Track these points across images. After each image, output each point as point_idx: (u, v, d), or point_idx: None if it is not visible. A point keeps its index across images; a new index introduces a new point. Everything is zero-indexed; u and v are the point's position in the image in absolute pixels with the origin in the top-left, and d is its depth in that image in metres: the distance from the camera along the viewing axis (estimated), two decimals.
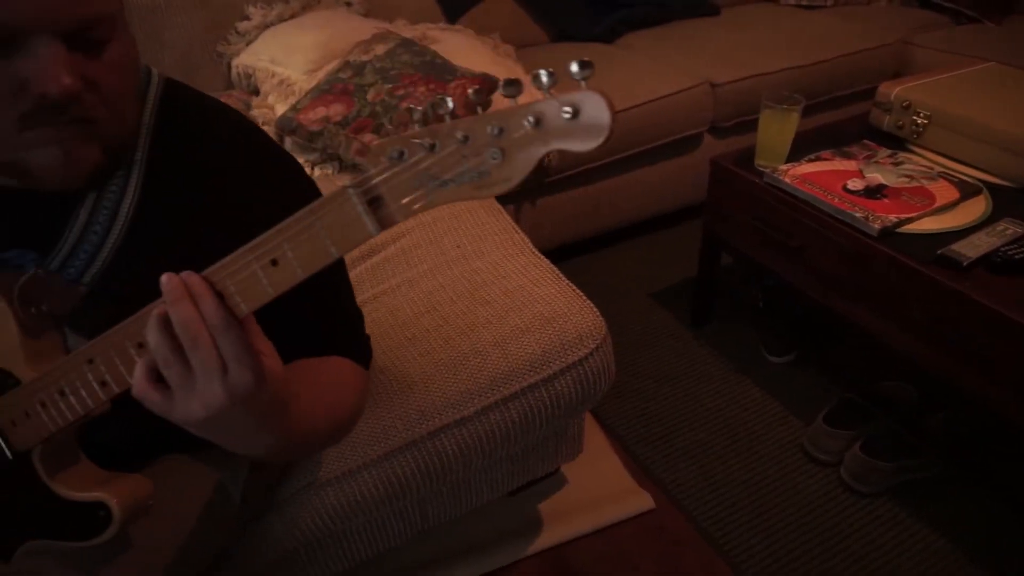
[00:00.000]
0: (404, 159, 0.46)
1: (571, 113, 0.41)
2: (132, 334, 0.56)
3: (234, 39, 1.91)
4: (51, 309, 0.66)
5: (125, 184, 0.68)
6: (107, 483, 0.67)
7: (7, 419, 0.64)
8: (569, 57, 1.44)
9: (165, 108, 0.72)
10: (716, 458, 1.50)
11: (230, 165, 0.73)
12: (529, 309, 1.09)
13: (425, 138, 0.45)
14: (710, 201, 1.67)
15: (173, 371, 0.52)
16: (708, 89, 2.04)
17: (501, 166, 0.44)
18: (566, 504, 1.40)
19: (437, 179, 0.45)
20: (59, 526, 0.67)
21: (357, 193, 0.47)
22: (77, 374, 0.59)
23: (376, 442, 0.98)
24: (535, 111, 0.42)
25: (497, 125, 0.43)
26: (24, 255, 0.68)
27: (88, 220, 0.67)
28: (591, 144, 0.42)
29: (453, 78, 1.58)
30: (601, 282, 2.03)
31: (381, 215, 0.48)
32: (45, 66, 0.55)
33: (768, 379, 1.68)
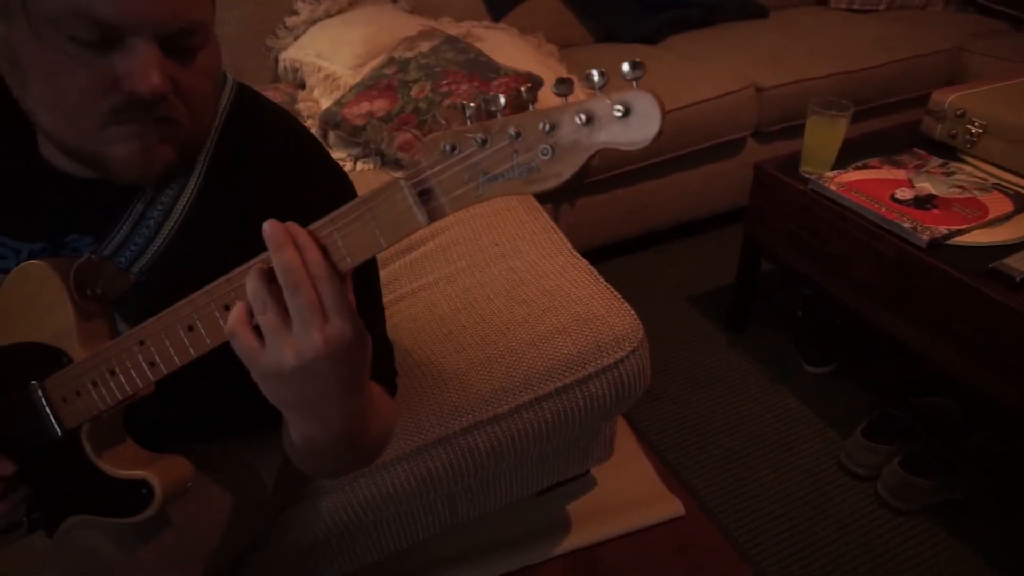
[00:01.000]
0: (456, 153, 0.46)
1: (622, 112, 0.42)
2: (182, 317, 0.57)
3: (282, 33, 1.94)
4: (104, 293, 0.68)
5: (184, 183, 0.70)
6: (150, 463, 0.69)
7: (59, 397, 0.66)
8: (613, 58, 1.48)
9: (233, 113, 0.74)
10: (749, 467, 1.48)
11: (283, 170, 0.74)
12: (566, 309, 1.09)
13: (477, 133, 0.46)
14: (752, 206, 1.65)
15: (268, 317, 0.51)
16: (753, 93, 2.01)
17: (551, 162, 0.45)
18: (595, 506, 1.40)
19: (487, 173, 0.46)
20: (103, 502, 0.70)
21: (409, 185, 0.48)
22: (128, 354, 0.61)
23: (409, 436, 0.99)
24: (587, 109, 0.43)
25: (549, 122, 0.44)
26: (82, 239, 0.70)
27: (143, 213, 0.69)
28: (640, 143, 0.43)
29: (496, 76, 1.58)
30: (638, 285, 2.01)
31: (431, 207, 0.49)
32: (140, 65, 0.56)
33: (805, 389, 1.65)
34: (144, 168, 0.63)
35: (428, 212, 0.49)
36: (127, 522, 0.69)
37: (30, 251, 0.70)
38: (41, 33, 0.56)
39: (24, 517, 0.73)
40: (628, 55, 2.29)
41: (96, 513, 0.70)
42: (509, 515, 1.33)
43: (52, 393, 0.67)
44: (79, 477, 0.69)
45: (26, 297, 0.68)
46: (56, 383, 0.66)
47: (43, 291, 0.66)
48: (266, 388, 0.55)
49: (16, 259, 0.70)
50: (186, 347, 0.58)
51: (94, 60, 0.57)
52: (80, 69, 0.57)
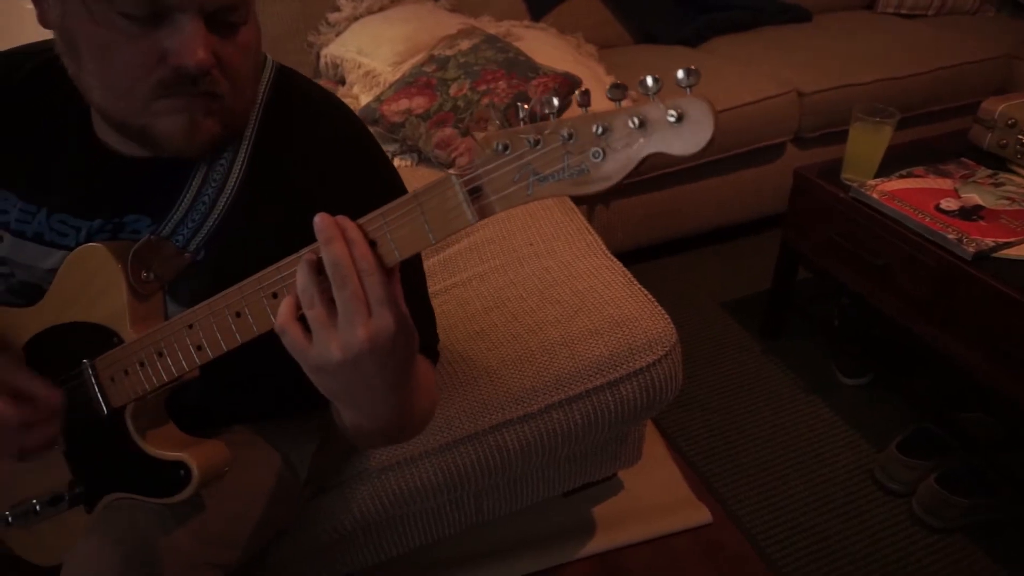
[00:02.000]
0: (508, 152, 0.47)
1: (676, 117, 0.43)
2: (231, 304, 0.59)
3: (324, 29, 1.97)
4: (159, 275, 0.70)
5: (233, 159, 0.72)
6: (189, 445, 0.71)
7: (107, 376, 0.68)
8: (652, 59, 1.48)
9: (276, 91, 0.75)
10: (779, 477, 1.46)
11: (333, 153, 0.76)
12: (599, 311, 1.09)
13: (530, 134, 0.46)
14: (790, 213, 1.62)
15: (317, 311, 0.52)
16: (795, 98, 1.98)
17: (602, 164, 0.45)
18: (621, 510, 1.39)
19: (538, 174, 0.47)
20: (142, 481, 0.72)
21: (460, 181, 0.49)
22: (176, 337, 0.62)
23: (439, 431, 1.00)
24: (641, 113, 0.43)
25: (602, 125, 0.44)
26: (140, 220, 0.73)
27: (199, 190, 0.71)
28: (692, 149, 0.43)
29: (535, 76, 1.58)
30: (670, 288, 2.00)
31: (480, 205, 0.49)
32: (186, 40, 0.59)
33: (839, 401, 1.62)
34: (189, 140, 0.65)
35: (478, 210, 0.50)
36: (164, 502, 0.71)
37: (89, 229, 0.73)
38: (93, 10, 0.58)
39: (66, 492, 0.76)
40: (668, 57, 2.29)
41: (135, 492, 0.72)
42: (535, 515, 1.33)
43: (101, 372, 0.69)
44: (121, 455, 0.71)
45: (83, 278, 0.70)
46: (106, 362, 0.68)
47: (100, 273, 0.69)
48: (316, 380, 0.56)
49: (76, 237, 0.73)
50: (232, 333, 0.60)
51: (142, 35, 0.59)
52: (129, 44, 0.59)
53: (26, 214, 0.74)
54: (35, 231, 0.74)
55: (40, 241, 0.74)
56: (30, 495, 0.77)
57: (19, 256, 0.75)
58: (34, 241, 0.74)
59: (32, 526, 0.79)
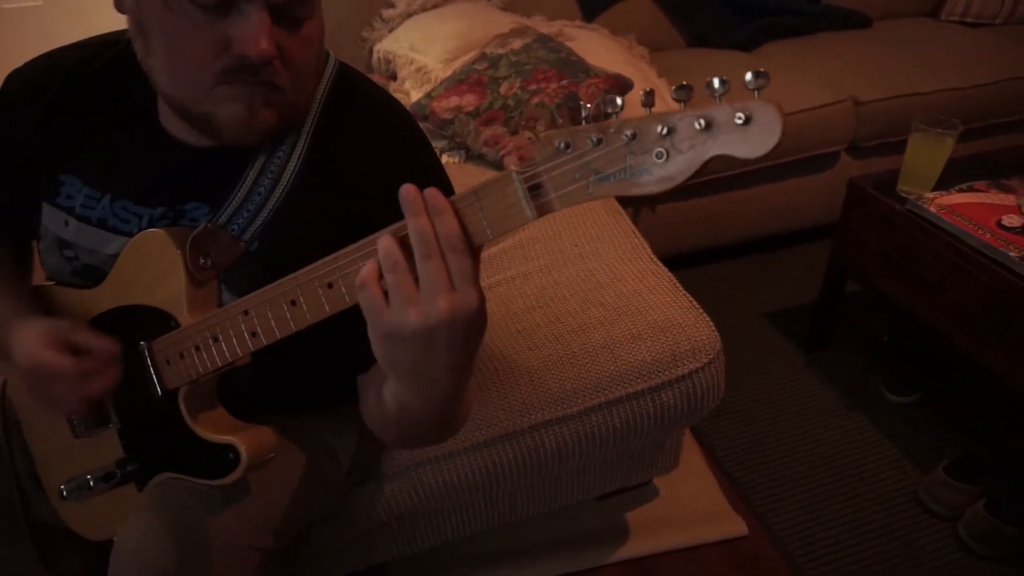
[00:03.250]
0: (570, 151, 0.47)
1: (743, 120, 0.42)
2: (286, 292, 0.60)
3: (378, 25, 1.99)
4: (215, 262, 0.71)
5: (291, 151, 0.73)
6: (239, 430, 0.73)
7: (163, 358, 0.71)
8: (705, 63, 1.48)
9: (337, 87, 0.77)
10: (819, 493, 1.42)
11: (389, 152, 0.76)
12: (643, 316, 1.08)
13: (592, 133, 0.46)
14: (842, 224, 1.59)
15: (398, 276, 0.51)
16: (851, 106, 1.93)
17: (665, 165, 0.45)
18: (655, 517, 1.38)
19: (599, 173, 0.46)
20: (192, 462, 0.74)
21: (520, 178, 0.49)
22: (232, 323, 0.64)
23: (478, 428, 1.00)
24: (707, 115, 0.43)
25: (667, 125, 0.44)
26: (199, 208, 0.75)
27: (255, 180, 0.72)
28: (758, 152, 0.42)
29: (586, 77, 1.57)
30: (714, 296, 1.96)
31: (540, 202, 0.49)
32: (251, 30, 0.61)
33: (885, 418, 1.58)
34: (247, 128, 0.67)
35: (537, 207, 0.49)
36: (212, 484, 0.73)
37: (150, 216, 0.75)
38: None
39: (118, 469, 0.78)
40: (720, 61, 2.26)
41: (185, 472, 0.74)
42: (568, 517, 1.33)
43: (157, 354, 0.71)
44: (172, 436, 0.73)
45: (143, 263, 0.72)
46: (162, 345, 0.70)
47: (159, 258, 0.71)
48: (382, 349, 0.54)
49: (138, 224, 0.75)
50: (287, 321, 0.61)
51: (211, 24, 0.61)
52: (197, 32, 0.62)
53: (91, 200, 0.76)
54: (99, 216, 0.76)
55: (103, 227, 0.76)
56: (84, 471, 0.80)
57: (83, 241, 0.77)
58: (98, 227, 0.77)
59: (85, 500, 0.82)
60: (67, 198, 0.77)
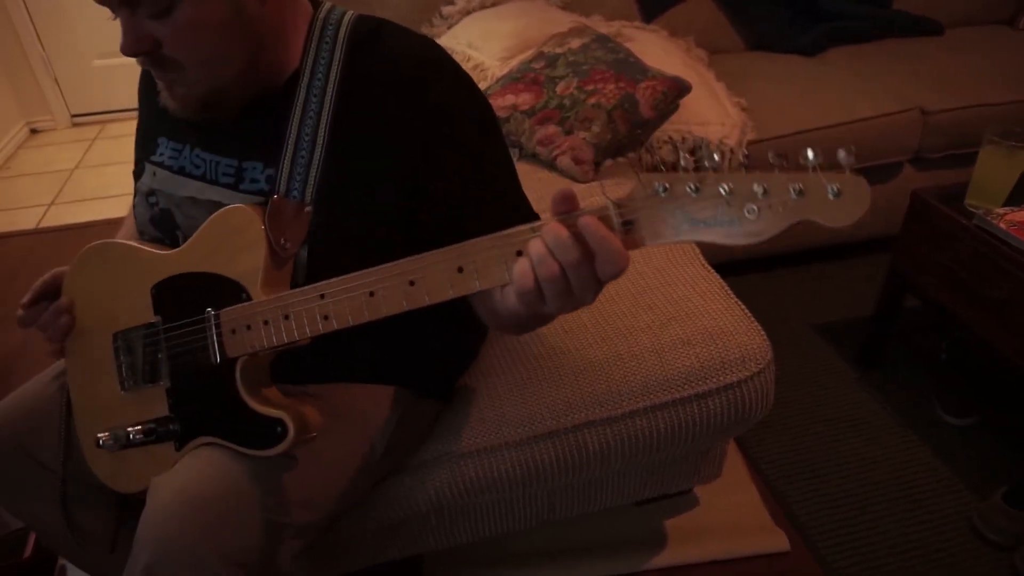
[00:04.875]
0: (667, 195, 0.51)
1: (836, 193, 0.46)
2: (367, 283, 0.63)
3: (437, 22, 2.01)
4: (293, 242, 0.75)
5: (320, 107, 0.77)
6: (287, 406, 0.75)
7: (229, 328, 0.74)
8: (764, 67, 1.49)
9: (361, 35, 0.81)
10: (866, 513, 1.38)
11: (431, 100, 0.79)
12: (692, 321, 1.06)
13: (692, 181, 0.50)
14: (903, 236, 1.54)
15: (553, 278, 0.57)
16: (918, 116, 1.87)
17: (754, 222, 0.49)
18: (695, 526, 1.36)
19: (691, 219, 0.51)
20: (237, 431, 0.76)
21: (617, 212, 0.54)
22: (305, 304, 0.67)
23: (521, 424, 1.00)
24: (804, 183, 0.47)
25: (764, 186, 0.48)
26: (256, 167, 0.80)
27: (298, 136, 0.77)
28: (842, 224, 0.47)
29: (644, 78, 1.56)
30: (765, 305, 1.93)
31: (631, 237, 0.54)
32: (122, 31, 0.70)
33: (940, 440, 1.52)
34: (182, 108, 0.76)
35: (628, 241, 0.54)
36: (257, 454, 0.75)
37: (216, 163, 0.82)
38: None
39: (159, 426, 0.81)
40: (780, 66, 2.21)
41: (228, 439, 0.77)
42: (606, 520, 1.32)
43: (224, 323, 0.74)
44: (221, 403, 0.76)
45: (225, 235, 0.76)
46: (230, 315, 0.73)
47: (243, 232, 0.74)
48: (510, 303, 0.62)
49: (206, 168, 0.83)
50: (362, 310, 0.64)
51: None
52: None
53: (176, 152, 0.86)
54: (180, 165, 0.86)
55: (183, 173, 0.85)
56: (125, 423, 0.82)
57: (165, 186, 0.86)
58: (179, 174, 0.85)
59: (118, 452, 0.84)
60: (159, 154, 0.88)
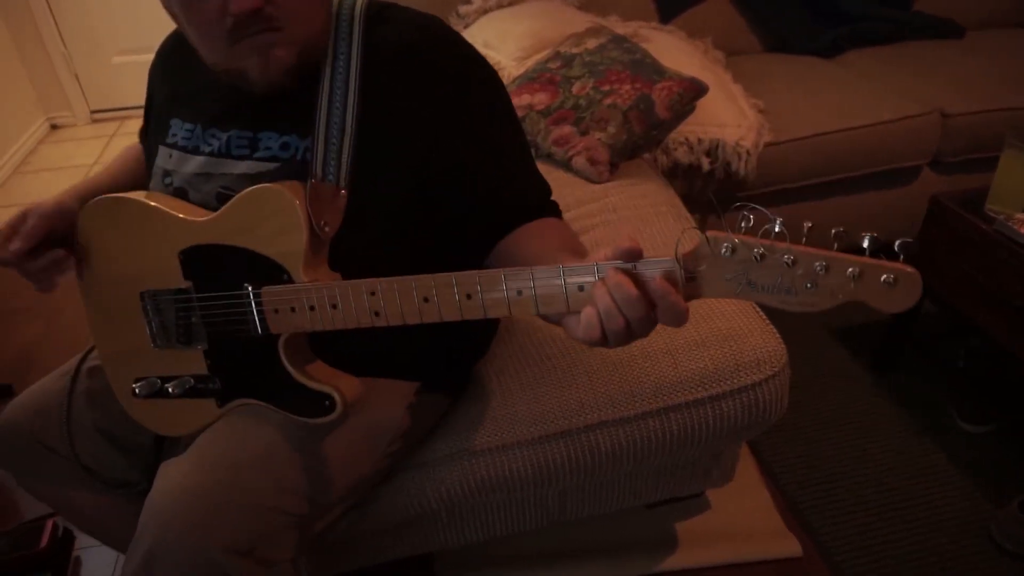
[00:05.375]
0: (733, 257, 0.55)
1: (891, 282, 0.50)
2: (422, 286, 0.66)
3: (454, 21, 2.01)
4: (331, 226, 0.76)
5: (345, 85, 0.79)
6: (334, 378, 0.79)
7: (271, 307, 0.75)
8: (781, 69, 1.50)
9: (373, 15, 0.82)
10: (880, 519, 1.37)
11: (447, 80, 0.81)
12: (707, 323, 1.06)
13: (758, 248, 0.54)
14: (921, 241, 1.52)
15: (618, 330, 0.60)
16: (937, 119, 1.85)
17: (811, 294, 0.53)
18: (706, 530, 1.35)
19: (751, 282, 0.54)
20: (284, 398, 0.80)
21: (682, 269, 0.57)
22: (356, 297, 0.69)
23: (533, 423, 1.00)
24: (863, 268, 0.51)
25: (825, 264, 0.52)
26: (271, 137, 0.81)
27: (327, 123, 0.79)
28: (894, 310, 0.51)
29: (660, 79, 1.55)
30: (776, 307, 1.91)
31: (689, 290, 0.57)
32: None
33: (956, 447, 1.51)
34: (267, 74, 0.76)
35: (686, 293, 0.57)
36: (304, 421, 0.79)
37: (228, 137, 0.83)
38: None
39: (197, 382, 0.84)
40: (800, 67, 2.19)
41: (275, 404, 0.80)
42: (616, 522, 1.32)
43: (265, 301, 0.75)
44: (266, 371, 0.78)
45: (261, 213, 0.76)
46: (272, 294, 0.75)
47: (284, 214, 0.75)
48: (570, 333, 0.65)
49: (218, 145, 0.84)
50: (416, 312, 0.67)
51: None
52: (201, 6, 0.72)
53: (188, 132, 0.87)
54: (193, 144, 0.86)
55: (196, 152, 0.86)
56: (159, 372, 0.85)
57: (179, 166, 0.87)
58: (192, 152, 0.86)
59: (159, 402, 0.87)
60: (172, 136, 0.89)
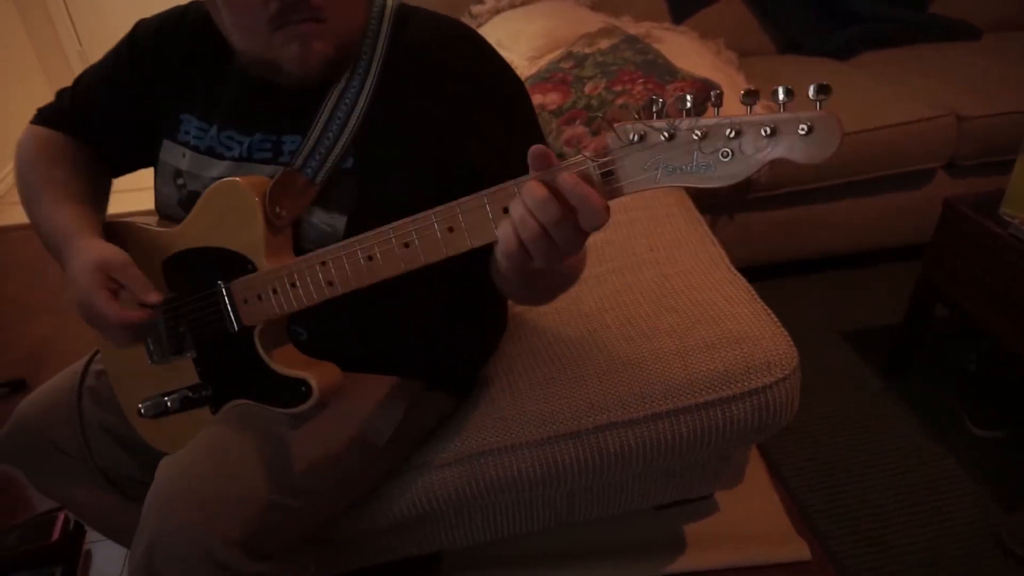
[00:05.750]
0: (642, 143, 0.52)
1: (806, 131, 0.46)
2: (365, 248, 0.65)
3: (466, 21, 2.01)
4: (289, 211, 0.76)
5: (361, 84, 0.78)
6: (309, 365, 0.79)
7: (241, 298, 0.76)
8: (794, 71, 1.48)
9: (400, 18, 0.81)
10: (889, 524, 1.36)
11: (461, 79, 0.80)
12: (717, 325, 1.06)
13: (664, 129, 0.51)
14: (935, 245, 1.51)
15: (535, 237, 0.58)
16: (952, 122, 1.84)
17: (729, 164, 0.49)
18: (713, 532, 1.34)
19: (667, 165, 0.52)
20: (265, 392, 0.80)
21: (595, 164, 0.55)
22: (310, 272, 0.69)
23: (542, 424, 1.00)
24: (773, 122, 0.47)
25: (735, 128, 0.48)
26: (295, 141, 0.80)
27: (328, 119, 0.78)
28: (816, 160, 0.47)
29: (672, 80, 1.55)
30: (790, 310, 1.87)
31: (611, 187, 0.55)
32: None
33: (967, 452, 1.50)
34: (305, 65, 0.75)
35: (608, 192, 0.55)
36: (286, 412, 0.79)
37: (251, 142, 0.82)
38: None
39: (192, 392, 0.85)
40: (811, 69, 2.18)
41: (260, 400, 0.81)
42: (624, 523, 1.32)
43: (236, 294, 0.76)
44: (247, 367, 0.79)
45: (223, 209, 0.77)
46: (240, 286, 0.76)
47: (239, 207, 0.76)
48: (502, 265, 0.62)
49: (240, 149, 0.82)
50: (362, 274, 0.66)
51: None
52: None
53: (201, 131, 0.85)
54: (208, 145, 0.84)
55: (211, 154, 0.84)
56: (160, 391, 0.86)
57: (193, 168, 0.85)
58: (207, 154, 0.84)
59: (161, 419, 0.88)
60: (184, 133, 0.86)
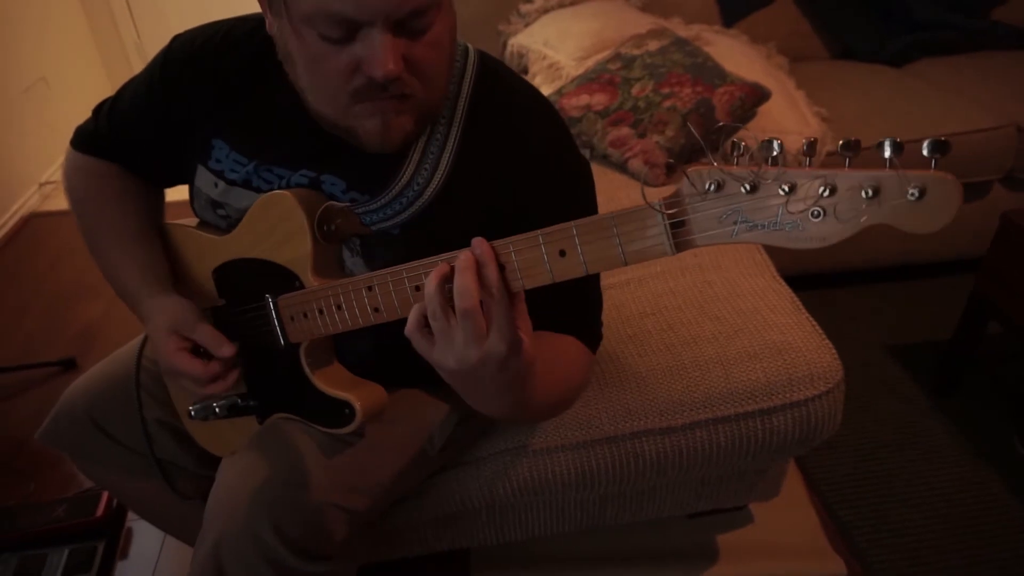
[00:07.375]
0: (720, 192, 0.46)
1: (917, 195, 0.39)
2: (413, 278, 0.63)
3: (515, 19, 2.02)
4: (340, 230, 0.76)
5: (443, 146, 0.76)
6: (355, 386, 0.78)
7: (287, 315, 0.76)
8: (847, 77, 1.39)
9: (481, 80, 0.79)
10: (932, 546, 1.32)
11: (538, 152, 0.78)
12: (761, 335, 1.04)
13: (747, 178, 0.44)
14: (990, 259, 1.46)
15: (439, 324, 0.57)
16: (1013, 133, 1.78)
17: (820, 225, 0.42)
18: (747, 544, 1.32)
19: (747, 221, 0.45)
20: (309, 410, 0.80)
21: (665, 214, 0.48)
22: (356, 296, 0.68)
23: (579, 428, 1.00)
24: (877, 182, 0.40)
25: (829, 185, 0.41)
26: (336, 184, 0.79)
27: (411, 179, 0.76)
28: (926, 230, 0.40)
29: (722, 84, 1.53)
30: (835, 321, 1.85)
31: (680, 239, 0.49)
32: (376, 53, 0.64)
33: (1017, 476, 1.44)
34: (385, 139, 0.71)
35: (677, 243, 0.49)
36: (329, 431, 0.79)
37: (291, 177, 0.80)
38: (299, 31, 0.66)
39: (240, 400, 0.86)
40: (865, 76, 2.13)
41: (303, 417, 0.81)
42: (656, 530, 1.31)
43: (283, 310, 0.76)
44: (292, 383, 0.79)
45: (272, 221, 0.77)
46: (287, 302, 0.76)
47: (288, 220, 0.76)
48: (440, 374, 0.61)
49: (279, 184, 0.81)
50: (410, 302, 0.64)
51: (340, 50, 0.65)
52: (330, 58, 0.66)
53: (237, 164, 0.82)
54: (243, 178, 0.82)
55: (248, 187, 0.82)
56: (212, 397, 0.88)
57: (231, 199, 0.84)
58: (243, 187, 0.83)
59: (210, 422, 0.91)
60: (216, 161, 0.83)
